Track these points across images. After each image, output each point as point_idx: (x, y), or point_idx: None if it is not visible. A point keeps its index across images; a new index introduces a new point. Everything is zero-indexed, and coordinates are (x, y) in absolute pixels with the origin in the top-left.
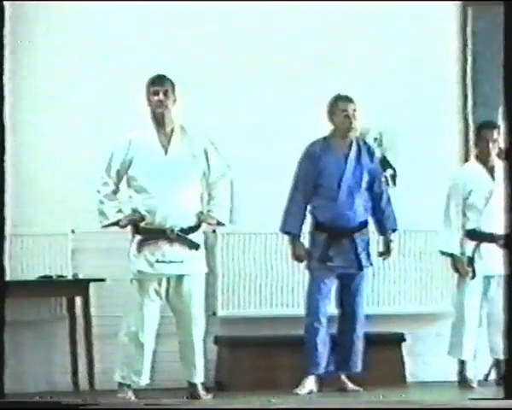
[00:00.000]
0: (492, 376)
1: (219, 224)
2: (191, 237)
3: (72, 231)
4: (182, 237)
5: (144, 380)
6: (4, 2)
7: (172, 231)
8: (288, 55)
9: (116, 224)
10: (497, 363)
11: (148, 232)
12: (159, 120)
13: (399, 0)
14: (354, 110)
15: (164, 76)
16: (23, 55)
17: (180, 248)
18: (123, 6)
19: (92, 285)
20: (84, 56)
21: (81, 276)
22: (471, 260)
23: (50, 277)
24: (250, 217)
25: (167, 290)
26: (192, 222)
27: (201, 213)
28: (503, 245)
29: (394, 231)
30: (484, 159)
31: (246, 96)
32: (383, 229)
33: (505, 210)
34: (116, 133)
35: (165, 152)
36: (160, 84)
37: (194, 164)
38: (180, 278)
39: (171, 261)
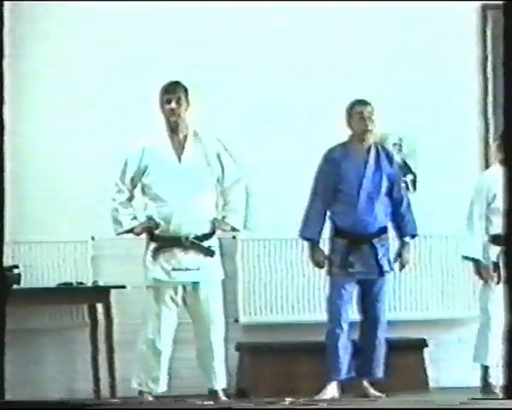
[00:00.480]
0: None
1: (234, 230)
2: (206, 243)
3: (92, 238)
4: (197, 244)
5: (161, 388)
6: (4, 2)
7: (187, 238)
8: (308, 60)
9: (131, 231)
10: None
11: (162, 240)
12: (172, 128)
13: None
14: (370, 113)
15: (176, 83)
16: (29, 57)
17: (195, 255)
18: (135, 6)
19: (112, 292)
20: (98, 63)
21: (101, 283)
22: (496, 265)
23: (71, 284)
24: (270, 223)
25: (184, 298)
26: (207, 229)
27: (216, 219)
28: (504, 250)
29: (414, 236)
30: None
31: (264, 100)
32: (403, 234)
33: (503, 214)
34: (134, 140)
35: (179, 159)
36: (172, 92)
37: (208, 170)
38: (196, 285)
39: (187, 269)
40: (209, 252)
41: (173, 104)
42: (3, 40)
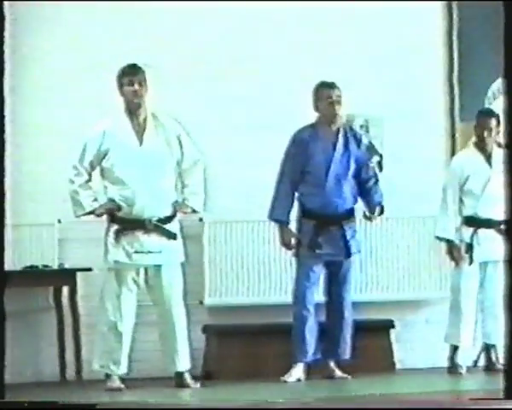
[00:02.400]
0: (481, 362)
1: (194, 212)
2: (168, 226)
3: (59, 221)
4: (159, 227)
5: (122, 369)
6: (4, 2)
7: (150, 221)
8: (272, 42)
9: (91, 213)
10: (486, 348)
11: (125, 222)
12: (133, 111)
13: None
14: (338, 96)
15: (136, 65)
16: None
17: (158, 238)
18: None
19: (78, 275)
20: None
21: (67, 266)
22: (469, 247)
23: (36, 267)
24: (237, 205)
25: (146, 280)
26: (168, 212)
27: (177, 202)
28: (504, 234)
29: (380, 203)
30: (481, 146)
31: (231, 81)
32: (371, 204)
33: (506, 200)
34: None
35: (140, 142)
36: (134, 74)
37: (169, 152)
38: (158, 267)
39: (150, 252)
40: (172, 235)
41: (136, 86)
42: (3, 40)
